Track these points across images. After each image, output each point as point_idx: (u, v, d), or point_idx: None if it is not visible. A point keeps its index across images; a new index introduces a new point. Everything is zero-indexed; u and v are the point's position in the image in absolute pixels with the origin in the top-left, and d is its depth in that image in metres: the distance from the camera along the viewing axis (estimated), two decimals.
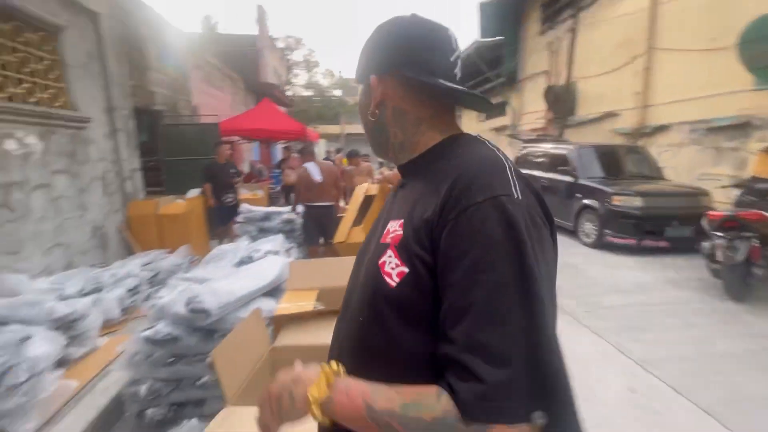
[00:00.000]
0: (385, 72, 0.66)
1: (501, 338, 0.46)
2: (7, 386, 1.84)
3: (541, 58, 12.17)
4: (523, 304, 0.47)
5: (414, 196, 0.62)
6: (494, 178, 0.54)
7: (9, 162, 3.20)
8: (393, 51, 0.65)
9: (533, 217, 0.53)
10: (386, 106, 0.67)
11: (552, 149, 7.32)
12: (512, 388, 0.45)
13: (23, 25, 3.49)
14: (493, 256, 0.48)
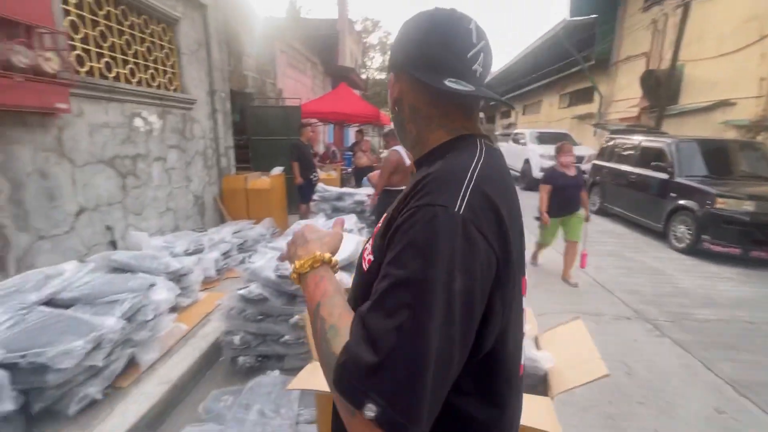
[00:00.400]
0: (400, 71, 0.69)
1: (380, 326, 0.49)
2: (139, 322, 2.27)
3: (641, 39, 10.88)
4: (412, 307, 0.48)
5: (404, 192, 0.65)
6: (443, 189, 0.55)
7: (137, 137, 3.79)
8: (407, 50, 0.67)
9: (467, 232, 0.51)
10: (403, 103, 0.70)
11: (645, 142, 6.61)
12: (365, 373, 0.47)
13: (149, 19, 4.03)
14: (406, 257, 0.51)
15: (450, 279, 0.49)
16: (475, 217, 0.53)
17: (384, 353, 0.47)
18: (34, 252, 2.76)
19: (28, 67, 2.49)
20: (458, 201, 0.53)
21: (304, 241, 0.72)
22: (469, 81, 0.64)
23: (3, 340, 1.80)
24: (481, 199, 0.55)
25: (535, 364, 1.46)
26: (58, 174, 2.94)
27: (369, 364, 0.47)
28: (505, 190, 0.62)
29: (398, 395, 0.46)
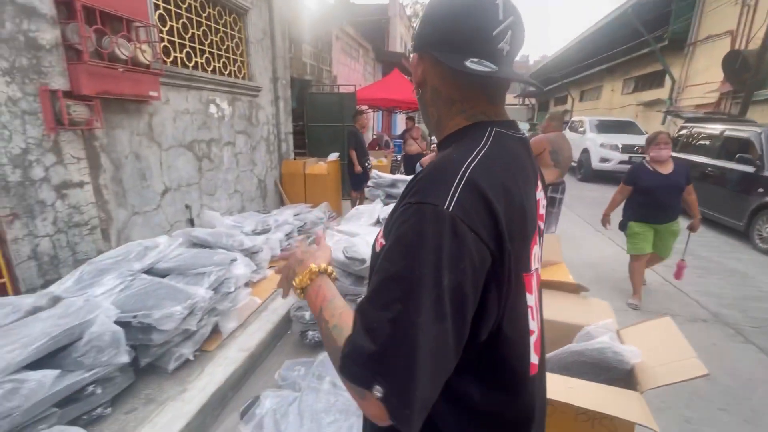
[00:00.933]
0: (422, 51, 0.67)
1: (377, 318, 0.52)
2: (222, 293, 2.48)
3: (727, 15, 9.75)
4: (402, 302, 0.51)
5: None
6: (434, 185, 0.56)
7: (211, 122, 4.06)
8: (429, 29, 0.65)
9: (456, 229, 0.52)
10: (426, 85, 0.69)
11: (729, 131, 6.00)
12: (368, 359, 0.51)
13: (223, 10, 4.24)
14: (397, 253, 0.53)
15: (438, 276, 0.50)
16: (464, 214, 0.53)
17: (381, 343, 0.50)
18: (131, 226, 3.09)
19: (128, 58, 2.74)
20: (448, 198, 0.53)
21: (298, 261, 0.76)
22: (494, 61, 0.60)
23: (117, 302, 2.05)
24: (473, 194, 0.54)
25: (620, 358, 1.43)
26: (148, 156, 3.24)
27: (370, 352, 0.51)
28: (510, 184, 0.59)
29: (396, 381, 0.49)
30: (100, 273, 2.22)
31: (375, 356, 0.50)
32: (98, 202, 2.76)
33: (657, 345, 1.46)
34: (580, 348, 1.52)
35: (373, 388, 0.50)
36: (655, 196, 3.16)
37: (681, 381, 1.25)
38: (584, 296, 2.02)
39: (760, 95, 8.20)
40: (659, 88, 13.05)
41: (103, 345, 1.79)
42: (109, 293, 2.10)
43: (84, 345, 1.73)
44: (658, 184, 3.13)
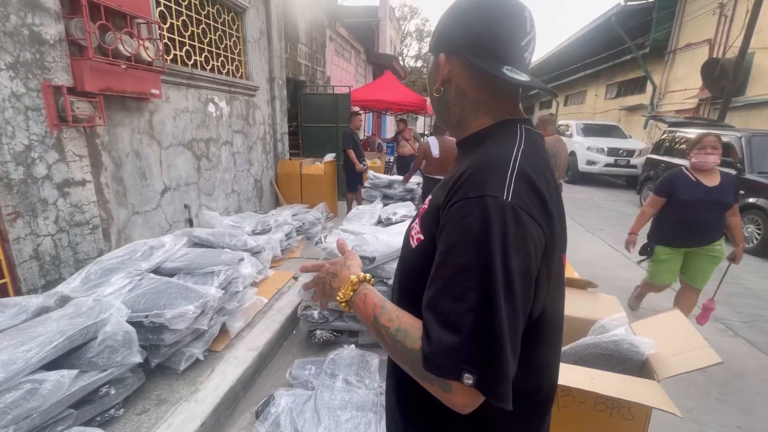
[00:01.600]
0: (453, 52, 0.69)
1: (454, 311, 0.54)
2: (231, 292, 2.46)
3: (705, 24, 10.17)
4: (479, 288, 0.54)
5: (446, 178, 0.69)
6: (490, 178, 0.59)
7: (210, 121, 4.01)
8: (463, 32, 0.67)
9: (517, 216, 0.56)
10: (451, 84, 0.71)
11: None
12: (452, 352, 0.53)
13: (221, 8, 4.21)
14: (464, 245, 0.56)
15: (507, 260, 0.54)
16: (522, 202, 0.57)
17: (464, 333, 0.53)
18: (131, 226, 3.03)
19: (132, 55, 2.70)
20: (505, 189, 0.57)
21: (332, 274, 0.77)
22: (520, 69, 0.66)
23: (127, 302, 2.02)
24: (525, 184, 0.59)
25: (636, 349, 1.49)
26: (149, 155, 3.18)
27: (454, 344, 0.53)
28: (545, 172, 0.64)
29: (487, 364, 0.53)
30: (107, 273, 2.18)
31: (460, 347, 0.53)
32: (99, 201, 2.71)
33: (669, 336, 1.53)
34: (596, 340, 1.57)
35: (463, 377, 0.53)
36: (695, 213, 2.55)
37: (697, 369, 1.31)
38: (592, 292, 2.09)
39: (737, 101, 8.58)
40: (641, 93, 13.49)
41: (117, 345, 1.76)
42: (118, 293, 2.06)
43: (98, 345, 1.70)
44: (700, 197, 2.51)
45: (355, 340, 2.65)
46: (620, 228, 6.09)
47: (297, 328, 2.89)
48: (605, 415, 1.43)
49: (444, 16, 0.71)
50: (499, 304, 0.53)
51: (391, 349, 0.63)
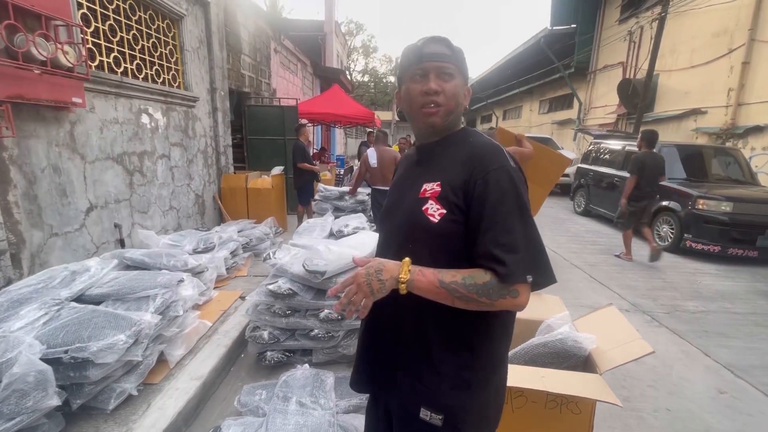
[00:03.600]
0: (466, 79, 0.95)
1: (512, 239, 0.80)
2: (170, 317, 2.25)
3: (618, 49, 11.45)
4: (522, 222, 0.82)
5: (441, 167, 0.91)
6: (500, 156, 0.87)
7: (143, 133, 3.72)
8: (466, 66, 0.94)
9: (521, 177, 0.88)
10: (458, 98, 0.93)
11: (628, 146, 6.98)
12: (520, 264, 0.79)
13: (155, 15, 3.97)
14: (505, 198, 0.82)
15: (526, 202, 0.85)
16: (517, 166, 0.88)
17: (525, 250, 0.81)
18: (48, 249, 2.69)
19: (47, 59, 2.44)
20: (510, 160, 0.87)
21: (378, 271, 0.84)
22: None
23: (42, 336, 1.77)
24: (510, 156, 0.88)
25: (579, 345, 1.58)
26: (70, 170, 2.87)
27: (518, 260, 0.79)
28: None
29: (542, 265, 0.84)
30: (16, 304, 1.90)
31: (526, 258, 0.80)
32: (7, 223, 2.37)
33: (607, 331, 1.64)
34: (544, 340, 1.64)
35: (527, 278, 0.79)
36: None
37: (632, 360, 1.41)
38: (537, 293, 2.19)
39: (648, 117, 9.69)
40: (569, 109, 14.79)
41: (28, 388, 1.52)
42: (30, 327, 1.80)
43: (3, 390, 1.45)
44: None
45: (308, 359, 2.54)
46: (558, 232, 6.54)
47: (245, 351, 2.71)
48: (556, 412, 1.48)
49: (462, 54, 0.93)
50: (533, 226, 0.84)
51: (464, 295, 0.80)
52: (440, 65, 0.88)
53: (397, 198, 0.99)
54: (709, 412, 2.24)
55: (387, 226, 1.00)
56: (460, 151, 0.91)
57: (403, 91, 0.94)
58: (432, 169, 0.92)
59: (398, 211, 0.96)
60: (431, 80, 0.88)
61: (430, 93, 0.88)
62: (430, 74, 0.88)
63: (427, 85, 0.88)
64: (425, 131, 0.94)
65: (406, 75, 0.92)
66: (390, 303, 0.87)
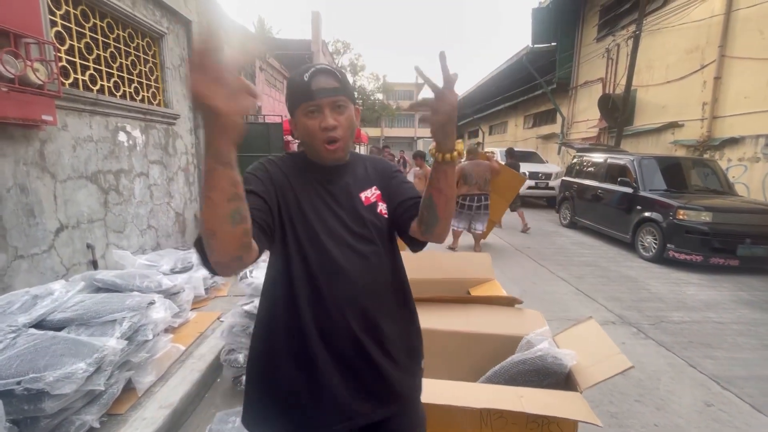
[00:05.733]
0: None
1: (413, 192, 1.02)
2: (138, 342, 2.14)
3: (597, 65, 11.81)
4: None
5: (363, 179, 1.02)
6: (386, 160, 1.13)
7: (120, 151, 3.64)
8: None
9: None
10: (353, 124, 1.01)
11: (610, 159, 7.11)
12: None
13: (134, 33, 3.95)
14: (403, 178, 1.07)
15: None
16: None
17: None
18: (12, 272, 2.56)
19: (16, 77, 2.38)
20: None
21: (453, 123, 0.81)
22: None
23: None
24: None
25: (560, 362, 1.53)
26: (38, 189, 2.77)
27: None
28: None
29: None
30: None
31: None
32: None
33: (587, 346, 1.60)
34: (523, 357, 1.59)
35: None
36: None
37: (612, 376, 1.36)
38: (518, 308, 2.15)
39: (628, 130, 9.94)
40: (553, 123, 15.11)
41: None
42: None
43: None
44: None
45: None
46: (544, 245, 6.56)
47: (221, 375, 2.60)
48: None
49: (345, 77, 0.98)
50: None
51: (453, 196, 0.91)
52: (332, 100, 0.90)
53: (331, 214, 0.95)
54: (696, 427, 2.19)
55: (334, 239, 0.92)
56: (367, 164, 1.07)
57: (299, 123, 0.94)
58: (356, 183, 1.01)
59: (343, 222, 0.95)
60: (327, 116, 0.90)
61: (329, 129, 0.90)
62: (325, 110, 0.90)
63: (325, 122, 0.90)
64: (331, 162, 0.98)
65: (299, 110, 0.92)
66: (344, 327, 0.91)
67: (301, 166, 0.99)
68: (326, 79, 0.91)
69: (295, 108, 0.95)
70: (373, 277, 0.95)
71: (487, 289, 2.50)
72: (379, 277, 0.97)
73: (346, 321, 0.90)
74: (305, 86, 0.90)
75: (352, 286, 0.91)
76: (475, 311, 2.13)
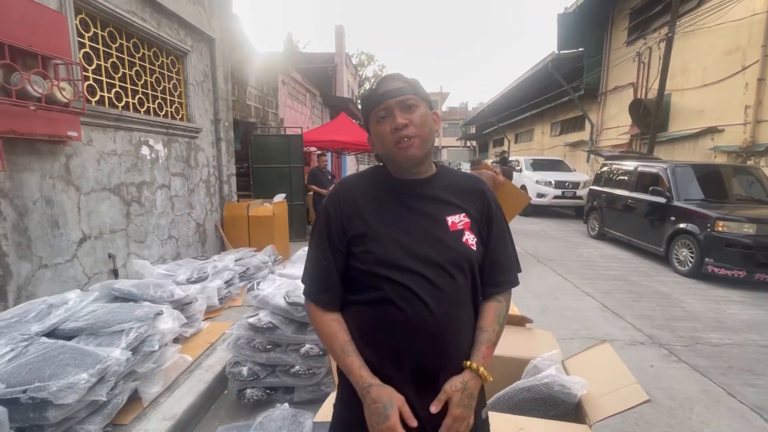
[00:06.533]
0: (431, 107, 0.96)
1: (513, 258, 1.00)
2: (144, 353, 2.17)
3: (628, 70, 11.35)
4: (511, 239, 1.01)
5: (447, 196, 0.93)
6: (485, 185, 1.01)
7: (143, 165, 3.79)
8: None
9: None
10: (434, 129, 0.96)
11: (640, 167, 6.76)
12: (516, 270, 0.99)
13: (159, 51, 4.14)
14: (503, 222, 0.99)
15: None
16: None
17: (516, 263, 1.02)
18: (36, 281, 2.68)
19: (42, 96, 2.52)
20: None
21: (471, 396, 0.85)
22: None
23: (3, 374, 1.70)
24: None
25: (568, 391, 1.41)
26: (63, 201, 2.91)
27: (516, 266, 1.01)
28: None
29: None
30: None
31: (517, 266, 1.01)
32: None
33: (599, 373, 1.46)
34: (529, 384, 1.48)
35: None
36: None
37: (625, 410, 1.23)
38: (529, 328, 2.02)
39: (662, 136, 9.44)
40: (581, 130, 14.60)
41: None
42: None
43: None
44: None
45: (290, 397, 2.40)
46: (570, 257, 6.27)
47: (228, 387, 2.59)
48: None
49: (417, 83, 0.93)
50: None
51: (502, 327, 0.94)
52: (400, 99, 0.87)
53: (412, 236, 0.88)
54: None
55: (408, 265, 0.85)
56: (459, 182, 0.96)
57: (374, 135, 0.92)
58: (442, 201, 0.93)
59: (423, 248, 0.87)
60: (397, 116, 0.86)
61: (399, 128, 0.86)
62: (394, 111, 0.87)
63: (395, 122, 0.86)
64: (408, 165, 0.90)
65: (371, 120, 0.91)
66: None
67: (378, 183, 0.95)
68: (392, 82, 0.90)
69: (368, 120, 0.93)
70: (452, 314, 0.87)
71: None
72: (462, 315, 0.89)
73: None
74: (373, 94, 0.90)
75: (432, 305, 0.85)
76: None
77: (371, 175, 0.98)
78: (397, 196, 0.92)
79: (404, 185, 0.93)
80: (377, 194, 0.93)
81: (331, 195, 0.96)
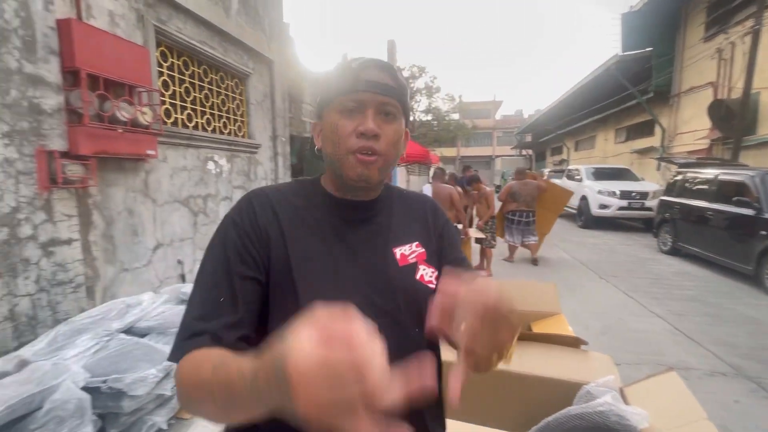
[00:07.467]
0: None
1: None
2: None
3: (706, 68, 10.31)
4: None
5: (395, 223, 0.76)
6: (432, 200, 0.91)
7: (209, 178, 4.15)
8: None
9: None
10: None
11: (722, 175, 6.05)
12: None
13: (225, 75, 4.53)
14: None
15: None
16: None
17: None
18: (118, 283, 3.03)
19: (128, 120, 2.87)
20: None
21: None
22: None
23: (88, 365, 1.94)
24: None
25: (626, 422, 1.29)
26: (142, 212, 3.26)
27: None
28: None
29: None
30: (76, 333, 2.13)
31: None
32: (86, 259, 2.74)
33: (664, 405, 1.33)
34: (581, 411, 1.38)
35: None
36: None
37: None
38: (584, 350, 1.89)
39: (749, 140, 8.40)
40: (650, 136, 13.45)
41: (66, 415, 1.66)
42: (81, 355, 1.99)
43: (43, 415, 1.60)
44: None
45: None
46: (636, 274, 5.74)
47: None
48: None
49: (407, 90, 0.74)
50: None
51: None
52: (381, 101, 0.67)
53: (349, 275, 0.68)
54: None
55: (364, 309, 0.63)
56: (408, 204, 0.83)
57: (328, 126, 0.69)
58: (389, 230, 0.74)
59: (363, 290, 0.68)
60: (369, 118, 0.66)
61: (367, 135, 0.66)
62: (368, 110, 0.67)
63: (365, 125, 0.66)
64: (355, 184, 0.69)
65: (333, 105, 0.69)
66: None
67: (308, 201, 0.74)
68: (380, 73, 0.68)
69: (327, 103, 0.70)
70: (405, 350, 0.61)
71: (551, 325, 2.25)
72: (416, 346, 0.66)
73: None
74: (350, 74, 0.67)
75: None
76: (533, 350, 1.92)
77: (296, 188, 0.77)
78: (331, 222, 0.72)
79: (342, 207, 0.74)
80: (305, 215, 0.72)
81: (241, 205, 0.72)
